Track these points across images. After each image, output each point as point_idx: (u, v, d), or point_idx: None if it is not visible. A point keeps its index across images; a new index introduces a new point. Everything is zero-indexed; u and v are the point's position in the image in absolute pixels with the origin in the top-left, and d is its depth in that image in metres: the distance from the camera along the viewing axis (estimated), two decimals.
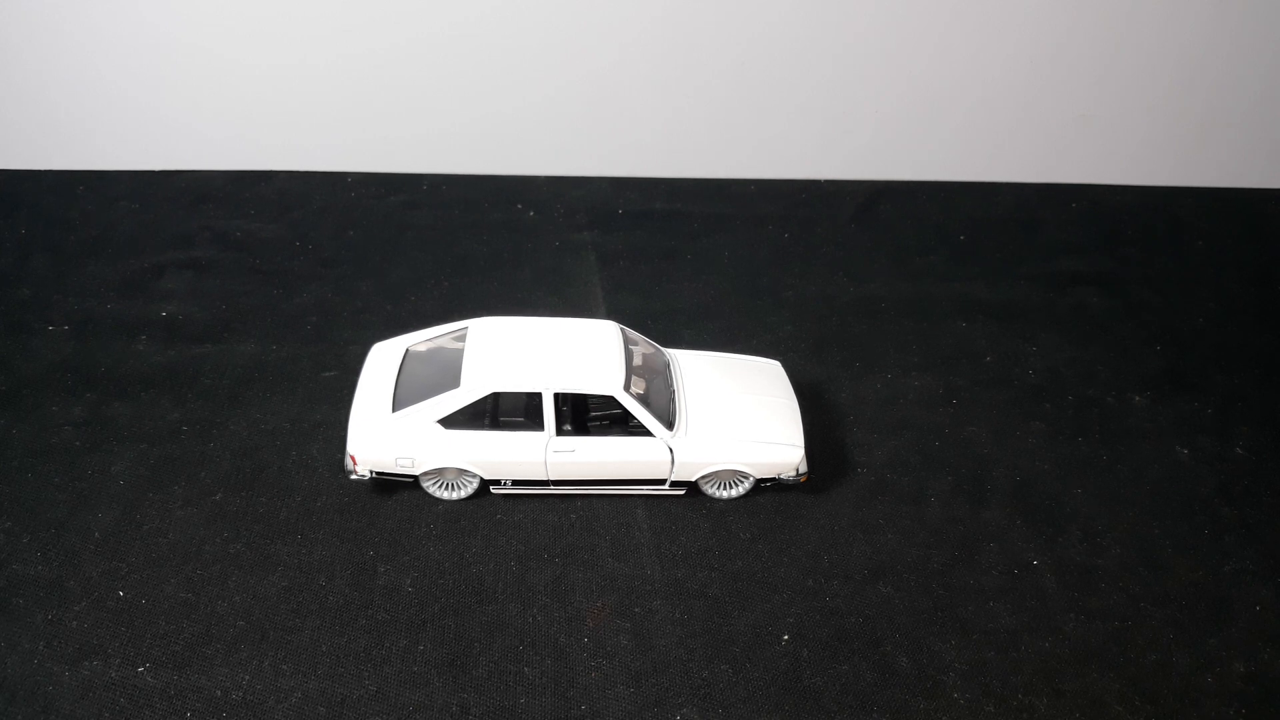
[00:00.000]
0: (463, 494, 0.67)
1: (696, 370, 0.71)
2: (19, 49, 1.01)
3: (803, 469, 0.67)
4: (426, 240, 0.94)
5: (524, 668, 0.58)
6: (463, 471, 0.65)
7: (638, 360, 0.68)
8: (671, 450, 0.65)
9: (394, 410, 0.64)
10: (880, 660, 0.59)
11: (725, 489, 0.68)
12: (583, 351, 0.66)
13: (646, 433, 0.65)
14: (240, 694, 0.56)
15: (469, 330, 0.68)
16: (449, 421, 0.64)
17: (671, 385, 0.69)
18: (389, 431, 0.64)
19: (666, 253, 0.95)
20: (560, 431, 0.65)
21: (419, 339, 0.69)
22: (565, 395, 0.65)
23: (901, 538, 0.67)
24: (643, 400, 0.65)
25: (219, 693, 0.56)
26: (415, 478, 0.65)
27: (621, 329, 0.69)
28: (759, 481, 0.67)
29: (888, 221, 1.01)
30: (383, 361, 0.67)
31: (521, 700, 0.56)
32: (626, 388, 0.64)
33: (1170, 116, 1.11)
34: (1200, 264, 0.94)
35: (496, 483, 0.66)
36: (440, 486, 0.66)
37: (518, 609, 0.61)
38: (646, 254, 0.95)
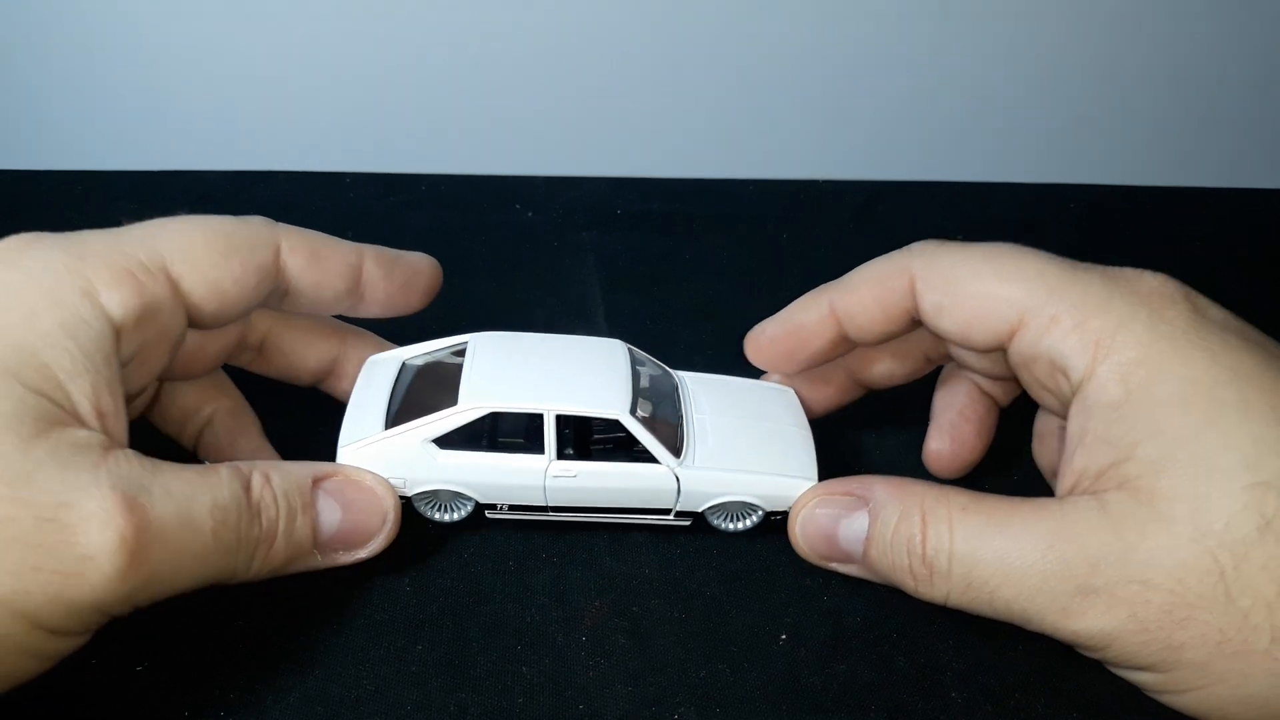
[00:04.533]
0: (457, 517, 0.64)
1: (706, 395, 0.67)
2: (18, 49, 1.01)
3: None
4: (425, 240, 0.94)
5: (522, 667, 0.58)
6: (457, 494, 0.62)
7: (645, 382, 0.65)
8: (678, 478, 0.62)
9: (386, 427, 0.61)
10: (878, 660, 0.59)
11: (733, 521, 0.65)
12: (588, 372, 0.63)
13: (652, 459, 0.61)
14: (238, 693, 0.56)
15: (469, 345, 0.64)
16: (444, 441, 0.60)
17: (679, 410, 0.65)
18: (380, 449, 0.60)
19: (665, 253, 0.95)
20: (561, 455, 0.61)
21: (416, 352, 0.66)
22: (568, 418, 0.61)
23: None
24: (649, 425, 0.61)
25: (216, 691, 0.56)
26: (408, 499, 0.62)
27: (629, 349, 0.66)
28: (768, 515, 0.64)
29: (886, 222, 1.01)
30: (377, 375, 0.64)
31: (519, 700, 0.56)
32: (633, 411, 0.61)
33: (1170, 116, 1.11)
34: (1200, 264, 0.94)
35: (492, 507, 0.63)
36: (433, 508, 0.63)
37: (515, 609, 0.61)
38: (645, 254, 0.95)
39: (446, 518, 0.64)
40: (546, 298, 0.88)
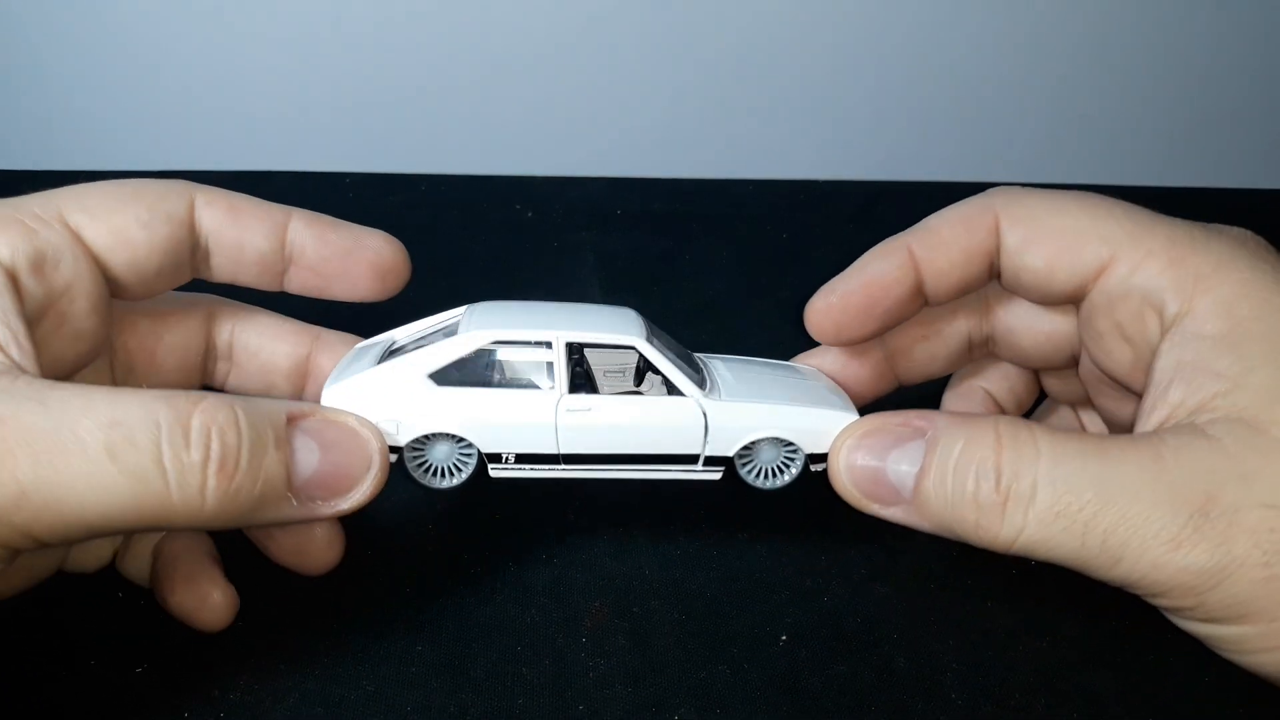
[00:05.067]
0: (454, 482, 0.56)
1: (725, 364, 0.63)
2: (16, 49, 1.01)
3: None
4: (425, 240, 0.94)
5: (522, 668, 0.58)
6: (456, 443, 0.55)
7: (658, 343, 0.59)
8: (705, 413, 0.55)
9: (377, 365, 0.55)
10: (878, 661, 0.59)
11: (769, 478, 0.58)
12: (599, 318, 0.58)
13: (675, 392, 0.56)
14: (238, 694, 0.56)
15: (467, 308, 0.60)
16: (442, 376, 0.54)
17: (700, 364, 0.60)
18: (370, 386, 0.53)
19: (664, 253, 0.95)
20: (573, 389, 0.55)
21: (406, 333, 0.61)
22: (580, 356, 0.55)
23: (900, 538, 0.67)
24: (669, 359, 0.56)
25: (216, 692, 0.56)
26: (399, 451, 0.54)
27: (640, 316, 0.62)
28: (809, 462, 0.57)
29: (886, 222, 1.00)
30: (362, 353, 0.59)
31: (519, 701, 0.56)
32: (649, 340, 0.56)
33: (1171, 116, 1.11)
34: None
35: (497, 460, 0.56)
36: (428, 472, 0.56)
37: (516, 610, 0.61)
38: (644, 254, 0.95)
39: (443, 483, 0.56)
40: (546, 297, 0.88)
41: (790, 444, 0.56)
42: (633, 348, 0.56)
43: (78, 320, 0.52)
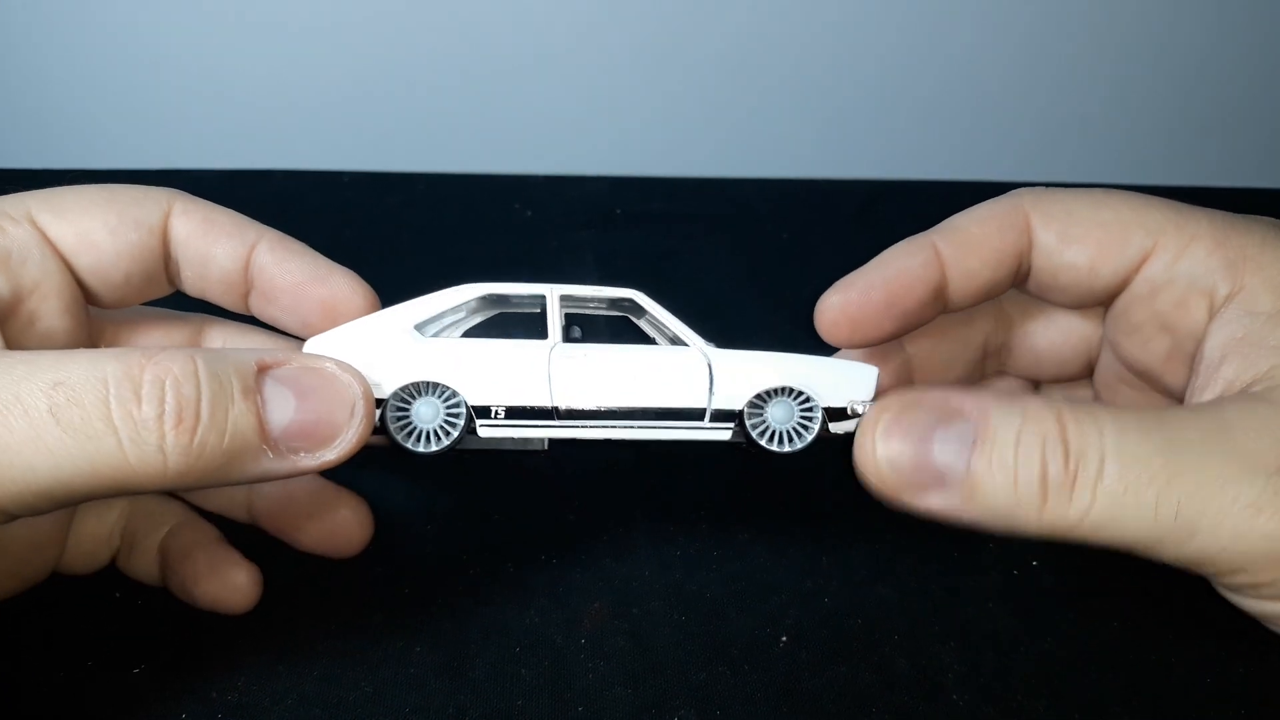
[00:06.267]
0: (438, 447, 0.50)
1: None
2: (16, 49, 1.00)
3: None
4: (423, 240, 0.94)
5: (521, 669, 0.58)
6: (442, 399, 0.50)
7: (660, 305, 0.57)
8: (709, 362, 0.52)
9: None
10: (879, 662, 0.59)
11: (783, 443, 0.53)
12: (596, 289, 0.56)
13: (678, 342, 0.53)
14: (236, 695, 0.55)
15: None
16: (429, 328, 0.52)
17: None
18: (353, 338, 0.50)
19: (664, 253, 0.95)
20: (568, 339, 0.52)
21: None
22: (573, 313, 0.53)
23: (901, 539, 0.67)
24: (670, 313, 0.54)
25: (214, 694, 0.55)
26: (383, 405, 0.50)
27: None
28: (827, 422, 0.52)
29: (888, 221, 1.00)
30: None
31: (519, 702, 0.56)
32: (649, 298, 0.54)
33: (1170, 116, 1.11)
34: None
35: (486, 415, 0.51)
36: (411, 434, 0.50)
37: (515, 611, 0.61)
38: (644, 254, 0.95)
39: (425, 449, 0.51)
40: None
41: (805, 402, 0.52)
42: (630, 299, 0.54)
43: (49, 319, 0.52)
